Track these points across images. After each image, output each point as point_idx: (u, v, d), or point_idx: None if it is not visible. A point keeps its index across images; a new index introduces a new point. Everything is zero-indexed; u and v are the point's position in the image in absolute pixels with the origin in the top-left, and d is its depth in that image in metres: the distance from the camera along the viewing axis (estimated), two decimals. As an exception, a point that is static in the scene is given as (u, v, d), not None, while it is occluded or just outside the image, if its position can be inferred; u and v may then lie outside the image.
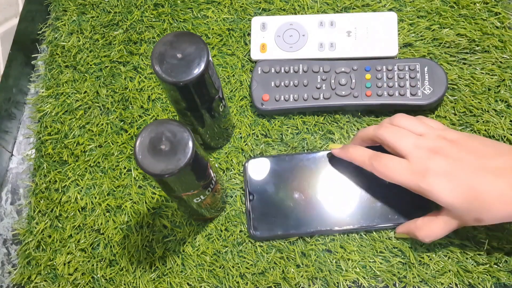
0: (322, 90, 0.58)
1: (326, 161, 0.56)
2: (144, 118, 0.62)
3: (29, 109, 0.66)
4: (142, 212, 0.58)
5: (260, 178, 0.56)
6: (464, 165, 0.46)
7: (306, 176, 0.56)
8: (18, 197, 0.62)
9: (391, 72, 0.58)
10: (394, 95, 0.57)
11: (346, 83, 0.58)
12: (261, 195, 0.56)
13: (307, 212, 0.54)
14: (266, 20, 0.63)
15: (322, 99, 0.58)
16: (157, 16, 0.66)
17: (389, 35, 0.60)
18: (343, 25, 0.62)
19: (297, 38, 0.62)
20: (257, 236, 0.54)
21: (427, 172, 0.46)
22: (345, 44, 0.61)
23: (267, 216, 0.55)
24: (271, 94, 0.59)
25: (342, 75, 0.58)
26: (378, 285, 0.53)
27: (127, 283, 0.55)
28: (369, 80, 0.58)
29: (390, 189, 0.52)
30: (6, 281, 0.58)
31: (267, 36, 0.62)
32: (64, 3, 0.69)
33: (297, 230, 0.54)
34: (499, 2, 0.62)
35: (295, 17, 0.63)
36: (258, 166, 0.57)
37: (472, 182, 0.45)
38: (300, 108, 0.58)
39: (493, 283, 0.53)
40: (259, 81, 0.59)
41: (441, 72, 0.57)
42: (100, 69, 0.64)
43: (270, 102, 0.59)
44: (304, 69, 0.59)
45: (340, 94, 0.58)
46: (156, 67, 0.43)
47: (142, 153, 0.40)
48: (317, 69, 0.59)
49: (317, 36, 0.62)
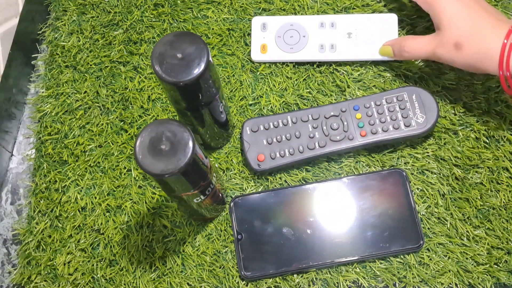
0: (316, 139, 0.56)
1: (313, 194, 0.56)
2: (144, 118, 0.62)
3: (29, 109, 0.66)
4: (142, 212, 0.58)
5: (247, 216, 0.55)
6: (473, 2, 0.53)
7: (294, 211, 0.55)
8: (18, 197, 0.62)
9: (381, 107, 0.56)
10: (389, 130, 0.56)
11: (339, 127, 0.56)
12: (250, 234, 0.54)
13: (298, 247, 0.53)
14: (267, 20, 0.63)
15: (318, 148, 0.56)
16: (157, 16, 0.66)
17: (389, 37, 0.60)
18: (344, 26, 0.61)
19: (298, 39, 0.62)
20: (248, 276, 0.53)
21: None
22: (345, 45, 0.61)
23: (257, 255, 0.54)
24: (266, 153, 0.57)
25: (333, 119, 0.57)
26: (378, 285, 0.53)
27: (127, 283, 0.55)
28: (361, 120, 0.57)
29: (380, 217, 0.53)
30: (6, 281, 0.58)
31: (267, 36, 0.62)
32: (64, 3, 0.68)
33: (288, 267, 0.53)
34: (499, 2, 0.62)
35: (295, 18, 0.63)
36: (243, 204, 0.56)
37: (475, 11, 0.52)
38: (298, 161, 0.57)
39: (493, 283, 0.53)
40: (251, 142, 0.57)
41: (429, 96, 0.56)
42: (100, 69, 0.64)
43: (266, 161, 0.56)
44: (293, 121, 0.57)
45: (334, 139, 0.56)
46: (156, 67, 0.43)
47: (142, 153, 0.40)
48: (306, 118, 0.57)
49: (318, 37, 0.61)
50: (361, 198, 0.55)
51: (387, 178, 0.55)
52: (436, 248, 0.54)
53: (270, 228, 0.54)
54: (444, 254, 0.54)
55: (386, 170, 0.56)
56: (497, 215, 0.55)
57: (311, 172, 0.58)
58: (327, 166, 0.58)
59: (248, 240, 0.54)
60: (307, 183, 0.56)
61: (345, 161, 0.58)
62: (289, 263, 0.53)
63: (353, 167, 0.57)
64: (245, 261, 0.54)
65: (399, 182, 0.55)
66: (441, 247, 0.54)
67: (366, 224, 0.54)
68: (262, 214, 0.55)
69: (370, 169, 0.57)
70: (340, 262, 0.53)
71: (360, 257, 0.53)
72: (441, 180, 0.56)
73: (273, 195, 0.56)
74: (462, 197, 0.56)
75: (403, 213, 0.54)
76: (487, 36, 0.51)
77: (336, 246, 0.53)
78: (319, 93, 0.61)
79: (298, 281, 0.54)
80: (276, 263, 0.53)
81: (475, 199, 0.55)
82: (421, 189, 0.56)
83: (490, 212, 0.55)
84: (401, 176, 0.55)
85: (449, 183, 0.56)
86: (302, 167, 0.58)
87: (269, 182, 0.57)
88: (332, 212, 0.55)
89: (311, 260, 0.53)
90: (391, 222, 0.54)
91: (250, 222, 0.55)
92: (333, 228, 0.54)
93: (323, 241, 0.54)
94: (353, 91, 0.60)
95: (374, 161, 0.57)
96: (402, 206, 0.54)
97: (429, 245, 0.54)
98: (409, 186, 0.55)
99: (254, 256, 0.54)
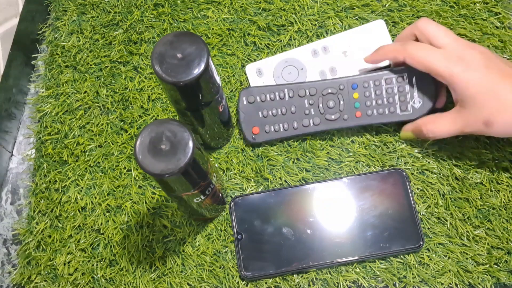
0: (311, 116, 0.57)
1: (313, 194, 0.56)
2: (144, 118, 0.62)
3: (29, 109, 0.66)
4: (142, 212, 0.58)
5: (247, 216, 0.55)
6: (494, 66, 0.48)
7: (294, 211, 0.55)
8: (18, 197, 0.62)
9: (379, 88, 0.56)
10: (384, 113, 0.56)
11: (335, 106, 0.56)
12: (250, 234, 0.54)
13: (298, 247, 0.53)
14: (260, 65, 0.61)
15: (312, 126, 0.57)
16: (157, 16, 0.66)
17: (383, 42, 0.59)
18: (337, 47, 0.60)
19: (297, 74, 0.60)
20: (248, 276, 0.53)
21: (461, 60, 0.48)
22: (344, 64, 0.60)
23: (257, 255, 0.54)
24: (261, 126, 0.57)
25: (330, 96, 0.56)
26: (378, 285, 0.53)
27: (127, 283, 0.55)
28: (358, 100, 0.56)
29: (380, 217, 0.53)
30: (6, 281, 0.58)
31: (266, 80, 0.60)
32: (64, 3, 0.69)
33: (288, 267, 0.53)
34: (499, 2, 0.62)
35: (287, 54, 0.61)
36: (243, 204, 0.56)
37: (498, 83, 0.47)
38: (291, 137, 0.58)
39: (493, 283, 0.53)
40: (246, 112, 0.57)
41: (429, 81, 0.55)
42: (100, 69, 0.64)
43: (261, 134, 0.57)
44: (290, 95, 0.57)
45: (329, 118, 0.56)
46: (156, 67, 0.43)
47: (142, 153, 0.40)
48: (303, 93, 0.57)
49: (316, 65, 0.60)
50: (361, 198, 0.55)
51: (387, 178, 0.55)
52: (436, 248, 0.54)
53: (270, 228, 0.54)
54: (444, 254, 0.54)
55: (386, 170, 0.56)
56: (497, 215, 0.55)
57: (311, 172, 0.58)
58: (327, 166, 0.58)
59: (248, 240, 0.54)
60: (307, 183, 0.56)
61: (345, 161, 0.58)
62: (289, 263, 0.53)
63: (353, 167, 0.57)
64: (245, 261, 0.54)
65: (399, 182, 0.55)
66: (441, 247, 0.54)
67: (366, 224, 0.54)
68: (262, 214, 0.55)
69: (370, 169, 0.57)
70: (340, 262, 0.53)
71: (360, 257, 0.53)
72: (441, 180, 0.56)
73: (273, 195, 0.56)
74: (462, 197, 0.56)
75: (403, 213, 0.54)
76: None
77: (336, 246, 0.53)
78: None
79: (298, 281, 0.54)
80: (276, 263, 0.53)
81: (475, 199, 0.55)
82: (421, 189, 0.56)
83: (490, 212, 0.55)
84: (401, 176, 0.55)
85: (449, 183, 0.56)
86: (301, 167, 0.58)
87: (269, 182, 0.57)
88: (332, 212, 0.55)
89: (311, 260, 0.53)
90: (391, 222, 0.54)
91: (250, 222, 0.55)
92: (333, 228, 0.54)
93: (323, 241, 0.54)
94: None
95: (374, 161, 0.57)
96: (402, 206, 0.54)
97: (429, 245, 0.54)
98: (409, 186, 0.55)
99: (254, 256, 0.54)
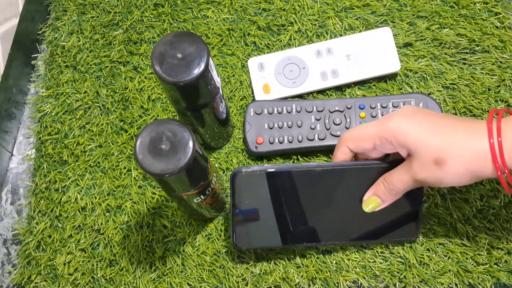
0: (317, 131, 0.57)
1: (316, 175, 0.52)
2: (144, 118, 0.62)
3: (29, 109, 0.66)
4: (142, 212, 0.58)
5: (247, 190, 0.51)
6: (423, 110, 0.46)
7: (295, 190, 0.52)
8: (18, 197, 0.62)
9: (386, 110, 0.56)
10: None
11: (341, 123, 0.56)
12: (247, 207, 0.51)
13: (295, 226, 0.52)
14: (263, 59, 0.61)
15: (317, 140, 0.56)
16: (157, 16, 0.66)
17: (388, 51, 0.59)
18: (341, 50, 0.60)
19: (298, 72, 0.60)
20: (239, 244, 0.51)
21: (392, 115, 0.45)
22: (347, 68, 0.59)
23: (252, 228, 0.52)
24: (265, 137, 0.57)
25: (336, 114, 0.56)
26: (378, 285, 0.53)
27: (127, 283, 0.55)
28: (364, 119, 0.56)
29: None
30: (6, 281, 0.58)
31: (267, 76, 0.60)
32: (64, 3, 0.69)
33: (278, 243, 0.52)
34: (499, 2, 0.62)
35: (291, 51, 0.61)
36: (245, 177, 0.51)
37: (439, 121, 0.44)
38: (295, 150, 0.57)
39: (493, 283, 0.53)
40: (252, 123, 0.57)
41: (436, 107, 0.56)
42: (100, 69, 0.64)
43: (264, 145, 0.57)
44: (298, 109, 0.57)
45: (335, 134, 0.56)
46: (156, 67, 0.43)
47: (142, 153, 0.40)
48: (310, 109, 0.57)
49: (318, 66, 0.60)
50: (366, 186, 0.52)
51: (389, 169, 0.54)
52: (436, 248, 0.54)
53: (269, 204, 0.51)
54: (444, 254, 0.54)
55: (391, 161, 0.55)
56: (497, 215, 0.55)
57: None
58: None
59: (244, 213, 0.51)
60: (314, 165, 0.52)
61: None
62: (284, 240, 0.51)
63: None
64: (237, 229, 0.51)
65: None
66: (441, 247, 0.54)
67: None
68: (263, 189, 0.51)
69: None
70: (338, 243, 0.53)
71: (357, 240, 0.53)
72: (441, 180, 0.56)
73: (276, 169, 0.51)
74: (462, 197, 0.56)
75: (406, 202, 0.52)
76: (466, 140, 0.43)
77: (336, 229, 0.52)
78: (319, 93, 0.61)
79: (298, 281, 0.54)
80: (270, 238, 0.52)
81: (475, 199, 0.55)
82: (421, 189, 0.56)
83: (490, 212, 0.55)
84: None
85: (449, 183, 0.56)
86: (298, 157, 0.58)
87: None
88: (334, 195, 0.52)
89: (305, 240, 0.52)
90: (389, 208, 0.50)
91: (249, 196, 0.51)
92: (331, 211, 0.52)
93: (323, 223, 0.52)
94: (353, 90, 0.60)
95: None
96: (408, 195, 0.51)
97: (429, 245, 0.54)
98: None
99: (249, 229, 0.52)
